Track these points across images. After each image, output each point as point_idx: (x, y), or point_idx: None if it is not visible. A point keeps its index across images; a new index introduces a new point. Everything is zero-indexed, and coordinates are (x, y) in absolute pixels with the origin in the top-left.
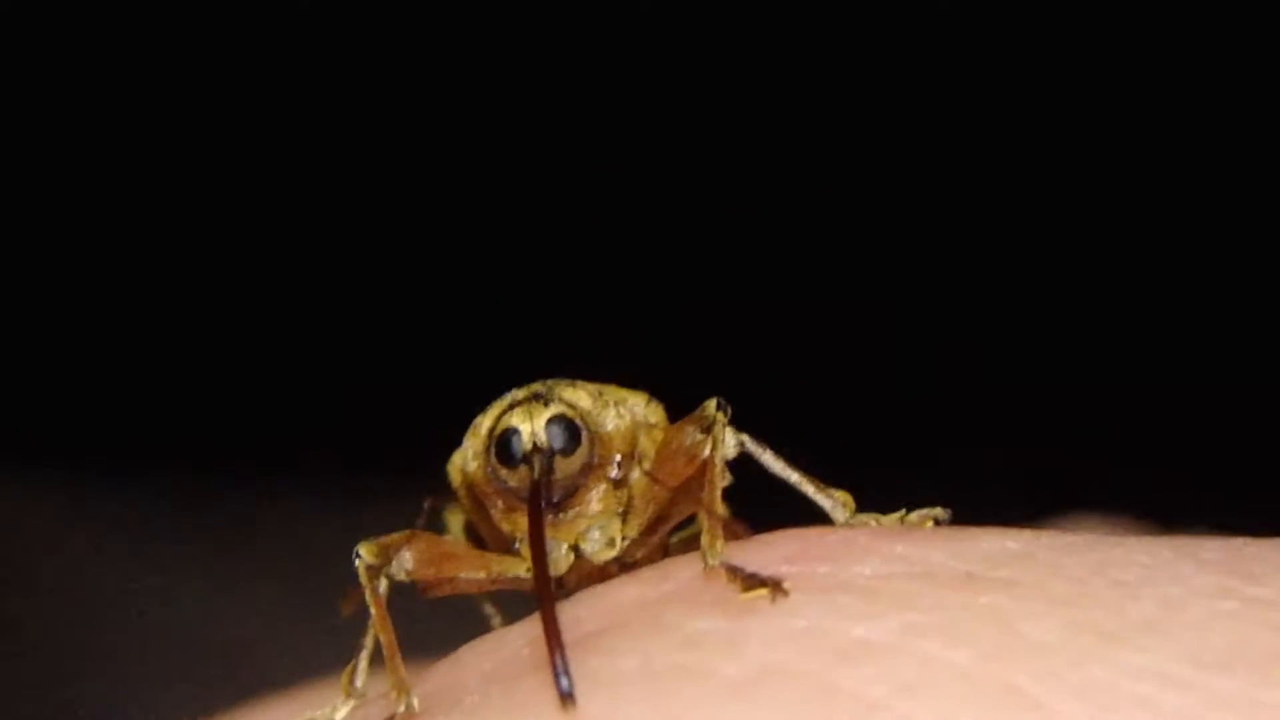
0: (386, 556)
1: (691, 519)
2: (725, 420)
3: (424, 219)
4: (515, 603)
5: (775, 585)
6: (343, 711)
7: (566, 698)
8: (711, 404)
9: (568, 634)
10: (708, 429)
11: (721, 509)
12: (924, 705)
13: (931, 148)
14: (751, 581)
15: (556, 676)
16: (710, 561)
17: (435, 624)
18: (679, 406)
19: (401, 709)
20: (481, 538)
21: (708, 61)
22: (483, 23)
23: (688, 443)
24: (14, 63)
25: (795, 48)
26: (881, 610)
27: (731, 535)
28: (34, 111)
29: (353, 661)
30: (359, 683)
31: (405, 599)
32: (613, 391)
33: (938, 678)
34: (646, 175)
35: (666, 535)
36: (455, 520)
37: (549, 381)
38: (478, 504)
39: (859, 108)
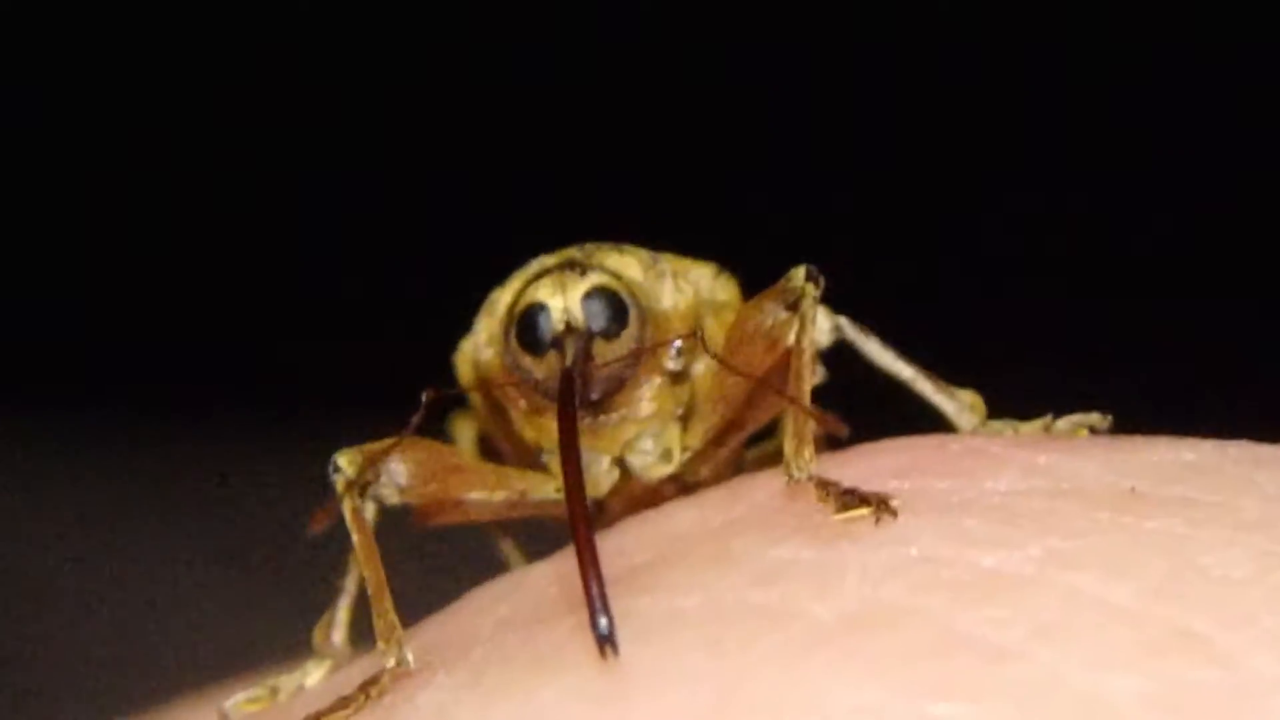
0: (373, 469)
1: (772, 429)
2: (817, 295)
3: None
4: (543, 539)
5: (880, 504)
6: (315, 674)
7: (605, 643)
8: (799, 273)
9: (610, 566)
10: (794, 305)
11: (814, 409)
12: (1070, 653)
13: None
14: (849, 499)
15: (593, 616)
16: (796, 474)
17: (436, 569)
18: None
19: (391, 663)
20: (499, 453)
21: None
22: None
23: (768, 323)
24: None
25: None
26: (1018, 535)
27: (824, 444)
28: None
29: (328, 612)
30: (337, 638)
31: (396, 532)
32: (671, 260)
33: (1089, 619)
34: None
35: (739, 448)
36: (465, 431)
37: (588, 246)
38: (494, 406)
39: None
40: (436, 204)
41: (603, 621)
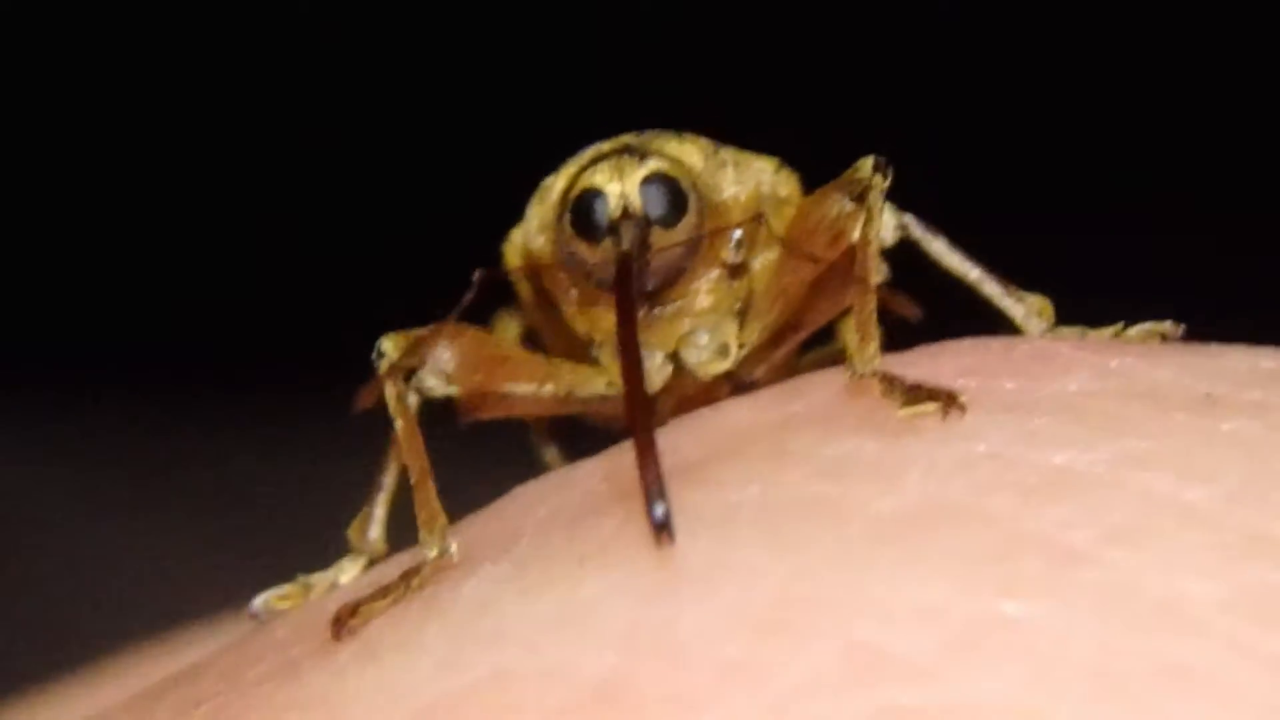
0: (419, 355)
1: (831, 331)
2: (884, 187)
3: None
4: (590, 442)
5: (949, 398)
6: (351, 570)
7: (661, 530)
8: (867, 164)
9: (663, 462)
10: (860, 197)
11: (889, 293)
12: (1144, 556)
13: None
14: (916, 394)
15: (649, 503)
16: (860, 369)
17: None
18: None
19: (434, 553)
20: (546, 351)
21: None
22: None
23: (832, 214)
24: None
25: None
26: (1090, 434)
27: (885, 346)
28: None
29: (364, 508)
30: (373, 534)
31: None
32: (733, 152)
33: (1163, 522)
34: None
35: (797, 348)
36: (510, 329)
37: (646, 133)
38: (543, 298)
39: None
40: (440, 187)
41: (659, 508)
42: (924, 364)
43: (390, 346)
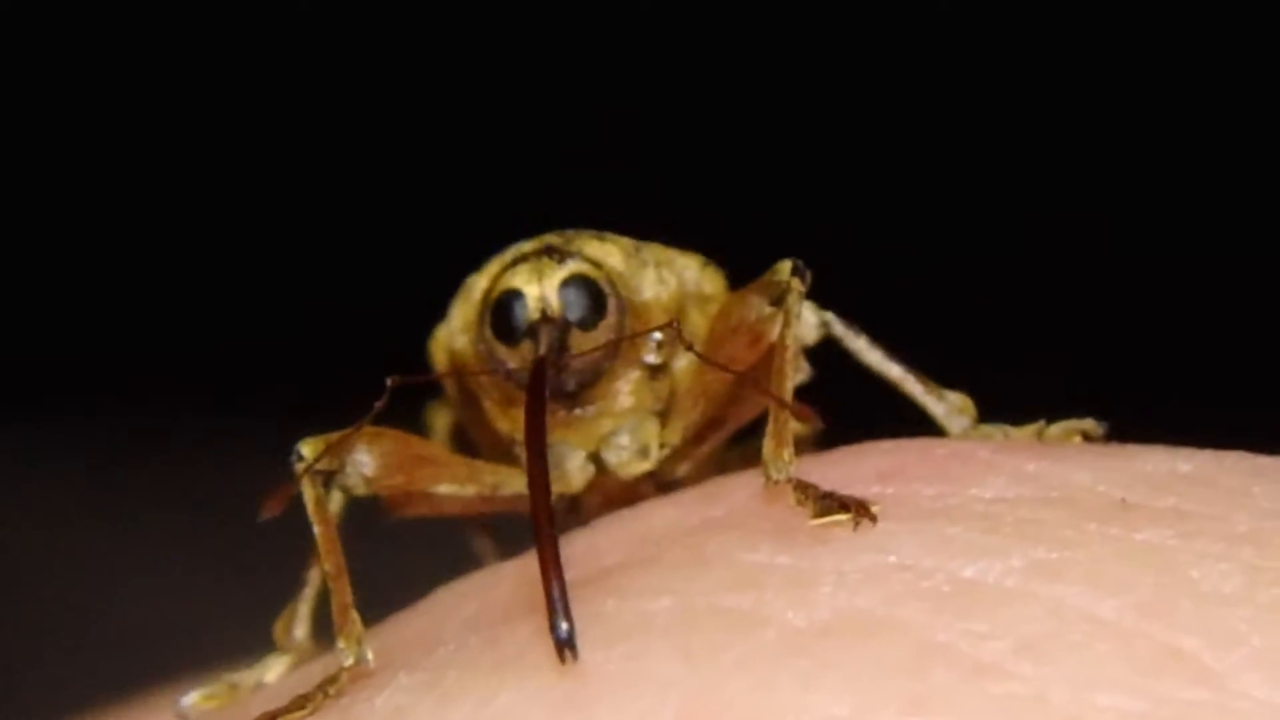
0: (338, 457)
1: (756, 426)
2: (803, 290)
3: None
4: (519, 534)
5: (860, 509)
6: (275, 670)
7: (565, 646)
8: (785, 267)
9: (581, 567)
10: (779, 300)
11: (797, 407)
12: (1054, 671)
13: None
14: (828, 504)
15: (553, 619)
16: (775, 475)
17: (409, 561)
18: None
19: (350, 661)
20: (473, 444)
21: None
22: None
23: (752, 317)
24: None
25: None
26: (1002, 544)
27: (805, 445)
28: None
29: (290, 605)
30: (299, 633)
31: (365, 524)
32: (655, 250)
33: (1073, 634)
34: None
35: (720, 446)
36: (440, 420)
37: (569, 232)
38: (468, 395)
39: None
40: (425, 198)
41: (563, 625)
42: (843, 466)
43: (308, 450)
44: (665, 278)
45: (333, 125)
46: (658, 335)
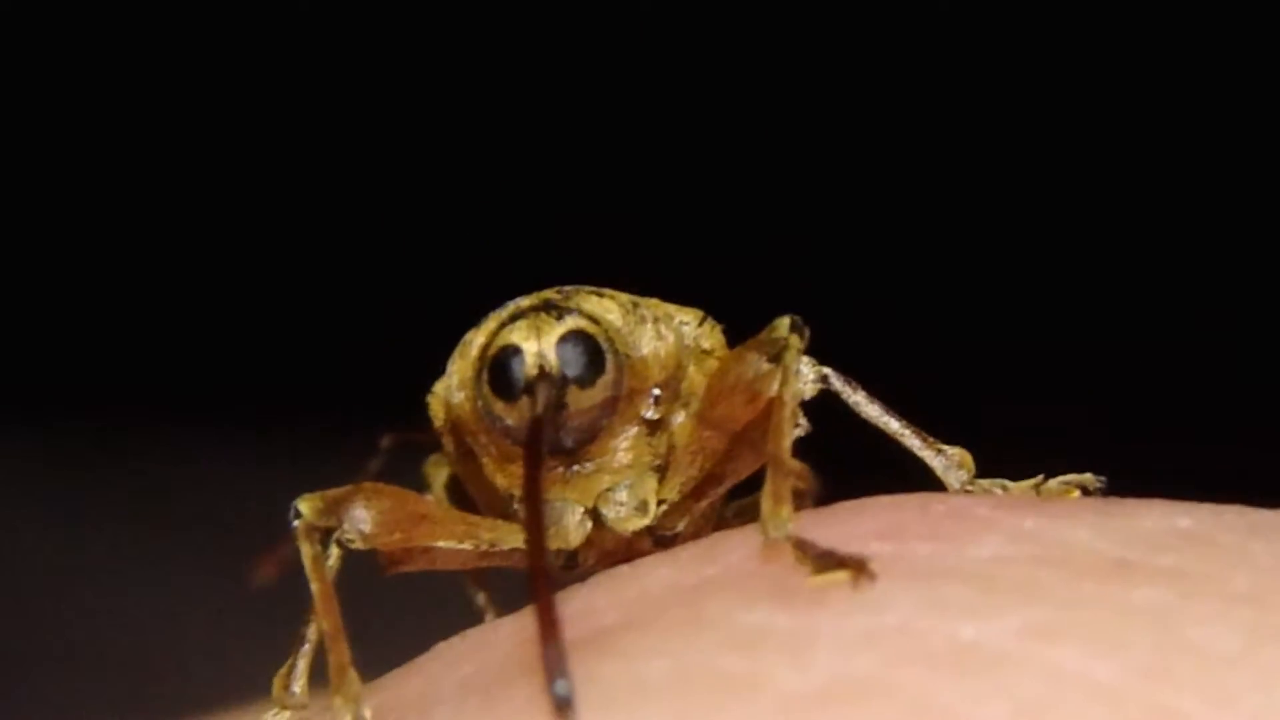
0: (335, 515)
1: (754, 482)
2: (801, 346)
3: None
4: (517, 591)
5: (858, 567)
6: None
7: (563, 706)
8: (784, 323)
9: (578, 627)
10: (777, 357)
11: (792, 464)
12: None
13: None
14: (826, 562)
15: (550, 679)
16: (772, 533)
17: (404, 619)
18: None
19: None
20: (471, 499)
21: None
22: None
23: (750, 375)
24: None
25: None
26: (1000, 605)
27: (804, 500)
28: None
29: (289, 660)
30: (297, 688)
31: (362, 579)
32: (654, 306)
33: (1072, 697)
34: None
35: (719, 502)
36: (439, 475)
37: (567, 288)
38: (466, 451)
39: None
40: (431, 235)
41: (560, 685)
42: (842, 524)
43: (306, 508)
44: (663, 333)
45: (336, 158)
46: (655, 392)
